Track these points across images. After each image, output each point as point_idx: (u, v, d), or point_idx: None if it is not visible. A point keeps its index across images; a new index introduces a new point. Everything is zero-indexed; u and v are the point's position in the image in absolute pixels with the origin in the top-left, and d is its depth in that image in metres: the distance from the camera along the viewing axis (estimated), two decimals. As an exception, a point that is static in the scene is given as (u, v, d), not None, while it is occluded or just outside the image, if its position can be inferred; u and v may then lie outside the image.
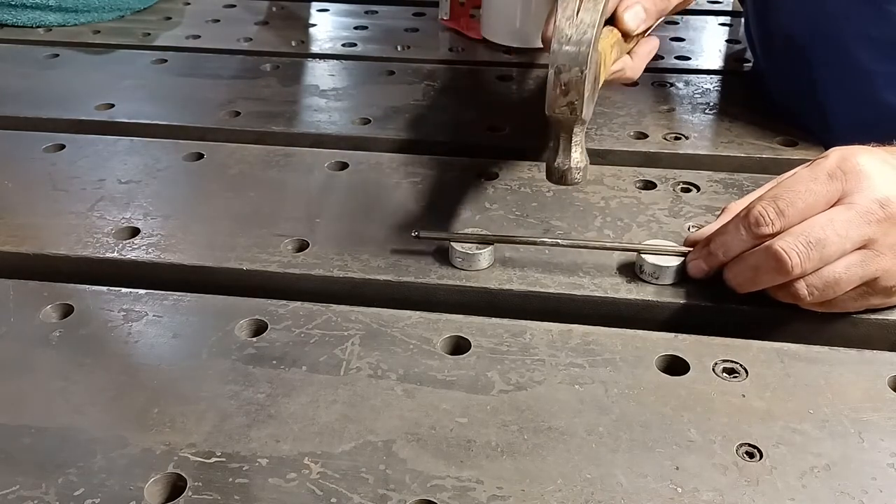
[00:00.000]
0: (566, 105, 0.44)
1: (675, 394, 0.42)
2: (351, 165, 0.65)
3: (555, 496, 0.36)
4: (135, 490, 0.37)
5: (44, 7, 0.95)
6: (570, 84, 0.44)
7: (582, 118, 0.45)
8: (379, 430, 0.40)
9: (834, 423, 0.40)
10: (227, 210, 0.58)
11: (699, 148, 0.67)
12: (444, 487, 0.37)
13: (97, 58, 0.88)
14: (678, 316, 0.49)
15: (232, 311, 0.48)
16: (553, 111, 0.45)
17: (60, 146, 0.67)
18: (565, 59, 0.43)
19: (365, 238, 0.55)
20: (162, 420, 0.40)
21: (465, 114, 0.74)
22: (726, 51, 0.90)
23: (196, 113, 0.74)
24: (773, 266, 0.45)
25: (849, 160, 0.45)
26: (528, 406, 0.41)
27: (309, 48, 0.91)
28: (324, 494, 0.36)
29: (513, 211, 0.58)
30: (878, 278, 0.45)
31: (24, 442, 0.39)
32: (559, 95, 0.44)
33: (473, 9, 0.96)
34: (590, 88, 0.45)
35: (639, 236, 0.55)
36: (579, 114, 0.44)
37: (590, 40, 0.43)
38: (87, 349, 0.45)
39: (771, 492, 0.37)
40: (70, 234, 0.55)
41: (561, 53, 0.43)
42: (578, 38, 0.43)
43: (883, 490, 0.37)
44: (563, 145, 0.47)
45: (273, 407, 0.41)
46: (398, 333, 0.46)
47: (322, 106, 0.75)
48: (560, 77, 0.44)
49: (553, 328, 0.46)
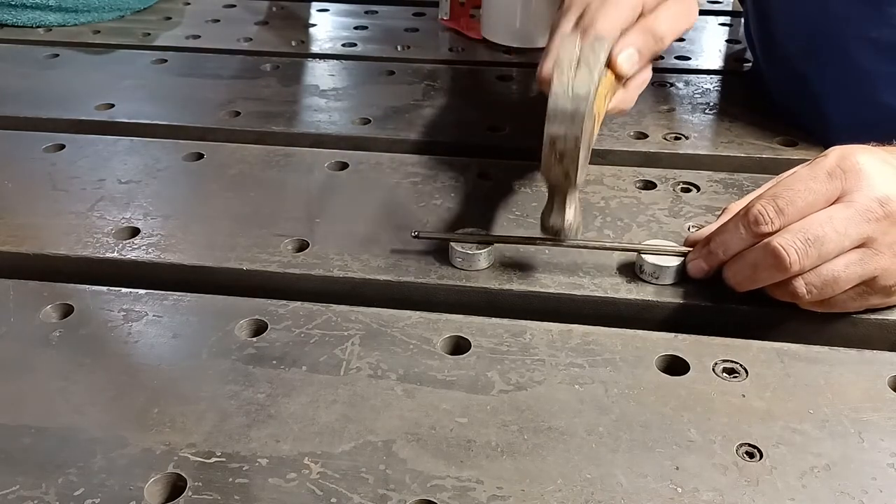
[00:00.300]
0: (561, 171, 0.46)
1: (675, 394, 0.42)
2: (351, 165, 0.65)
3: (555, 496, 0.36)
4: (135, 490, 0.37)
5: (44, 7, 0.95)
6: (564, 153, 0.45)
7: (576, 183, 0.46)
8: (379, 430, 0.40)
9: (834, 423, 0.40)
10: (227, 210, 0.58)
11: (699, 148, 0.67)
12: (444, 487, 0.37)
13: (97, 58, 0.88)
14: (678, 316, 0.49)
15: (232, 311, 0.48)
16: (549, 175, 0.46)
17: (60, 146, 0.67)
18: (560, 130, 0.44)
19: (365, 238, 0.55)
20: (162, 420, 0.40)
21: (465, 114, 0.74)
22: (726, 51, 0.90)
23: (196, 113, 0.74)
24: (771, 263, 0.45)
25: (848, 159, 0.45)
26: (528, 406, 0.41)
27: (309, 48, 0.91)
28: (324, 494, 0.36)
29: (513, 211, 0.58)
30: (877, 277, 0.45)
31: (24, 442, 0.39)
32: (555, 163, 0.46)
33: (473, 9, 0.96)
34: (584, 155, 0.46)
35: (639, 236, 0.55)
36: (573, 178, 0.46)
37: (583, 113, 0.44)
38: (87, 349, 0.45)
39: (771, 492, 0.37)
40: (70, 234, 0.55)
41: (556, 124, 0.44)
42: (573, 110, 0.44)
43: (883, 490, 0.37)
44: (558, 205, 0.49)
45: (273, 407, 0.41)
46: (398, 333, 0.46)
47: (322, 106, 0.75)
48: (555, 146, 0.45)
49: (553, 328, 0.46)
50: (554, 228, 0.49)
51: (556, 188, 0.48)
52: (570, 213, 0.48)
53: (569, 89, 0.44)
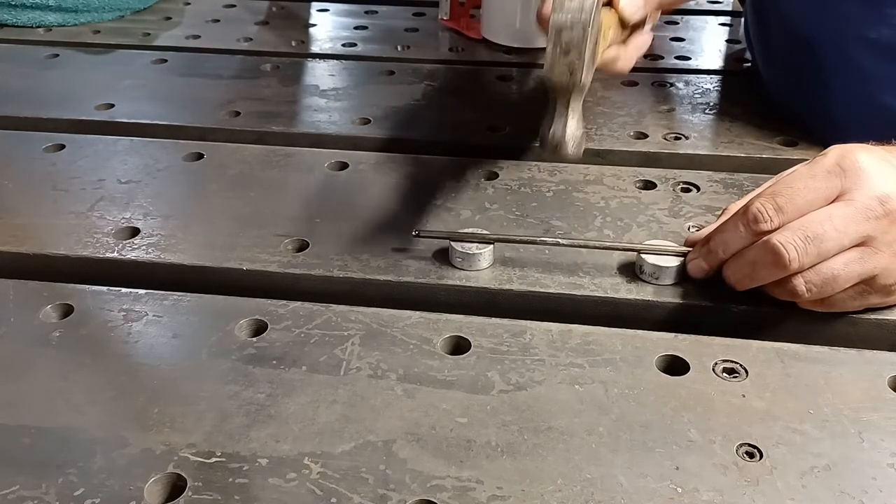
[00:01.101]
0: (566, 66, 0.43)
1: (675, 394, 0.42)
2: (351, 165, 0.65)
3: (555, 496, 0.36)
4: (135, 490, 0.37)
5: (44, 7, 0.95)
6: (571, 43, 0.42)
7: (581, 83, 0.43)
8: (379, 430, 0.40)
9: (834, 423, 0.40)
10: (227, 210, 0.58)
11: (699, 148, 0.67)
12: (444, 487, 0.37)
13: (97, 58, 0.88)
14: (678, 316, 0.49)
15: (232, 311, 0.48)
16: (552, 73, 0.43)
17: (60, 146, 0.67)
18: (568, 16, 0.42)
19: (365, 238, 0.55)
20: (162, 420, 0.40)
21: (465, 114, 0.74)
22: (726, 51, 0.90)
23: (196, 113, 0.74)
24: (770, 260, 0.45)
25: (848, 157, 0.45)
26: (528, 406, 0.41)
27: (309, 48, 0.91)
28: (324, 494, 0.36)
29: (513, 211, 0.58)
30: (877, 276, 0.45)
31: (24, 442, 0.39)
32: (559, 56, 0.43)
33: (473, 9, 0.96)
34: (590, 53, 0.43)
35: (639, 236, 0.55)
36: (579, 76, 0.43)
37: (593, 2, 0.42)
38: (87, 349, 0.45)
39: (771, 492, 0.36)
40: (70, 234, 0.55)
41: (564, 11, 0.42)
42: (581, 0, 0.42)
43: (883, 490, 0.37)
44: (559, 112, 0.45)
45: (273, 407, 0.41)
46: (398, 333, 0.46)
47: (322, 106, 0.75)
48: (561, 36, 0.42)
49: (553, 328, 0.46)
50: (554, 139, 0.46)
51: (559, 90, 0.45)
52: (572, 123, 0.45)
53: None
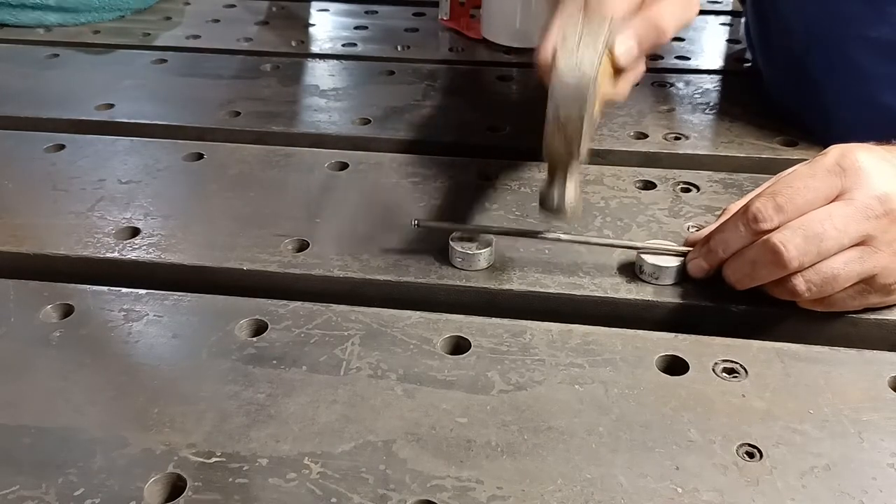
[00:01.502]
0: (563, 140, 0.44)
1: (675, 394, 0.42)
2: (351, 165, 0.65)
3: (555, 496, 0.36)
4: (135, 490, 0.37)
5: (44, 7, 0.95)
6: (568, 124, 0.43)
7: (578, 155, 0.45)
8: (379, 430, 0.40)
9: (834, 423, 0.40)
10: (227, 210, 0.58)
11: (699, 148, 0.67)
12: (444, 487, 0.37)
13: (97, 58, 0.88)
14: (678, 316, 0.49)
15: (232, 311, 0.48)
16: (550, 146, 0.45)
17: (60, 146, 0.67)
18: (565, 99, 0.43)
19: (365, 238, 0.55)
20: (162, 420, 0.40)
21: (465, 114, 0.74)
22: (726, 51, 0.90)
23: (196, 113, 0.74)
24: (770, 259, 0.45)
25: (848, 157, 0.45)
26: (528, 406, 0.41)
27: (309, 48, 0.91)
28: (324, 494, 0.36)
29: (513, 211, 0.58)
30: (877, 275, 0.45)
31: (24, 442, 0.39)
32: (557, 134, 0.44)
33: (473, 9, 0.96)
34: (587, 128, 0.44)
35: (639, 236, 0.55)
36: (576, 149, 0.44)
37: (589, 81, 0.42)
38: (87, 349, 0.45)
39: (771, 492, 0.36)
40: (70, 234, 0.55)
41: (561, 93, 0.43)
42: (578, 79, 0.43)
43: (883, 490, 0.37)
44: (559, 181, 0.47)
45: (273, 407, 0.41)
46: (398, 333, 0.46)
47: (322, 106, 0.75)
48: (559, 116, 0.43)
49: (553, 328, 0.46)
50: (555, 207, 0.47)
51: (558, 164, 0.46)
52: (570, 189, 0.47)
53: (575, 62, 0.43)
